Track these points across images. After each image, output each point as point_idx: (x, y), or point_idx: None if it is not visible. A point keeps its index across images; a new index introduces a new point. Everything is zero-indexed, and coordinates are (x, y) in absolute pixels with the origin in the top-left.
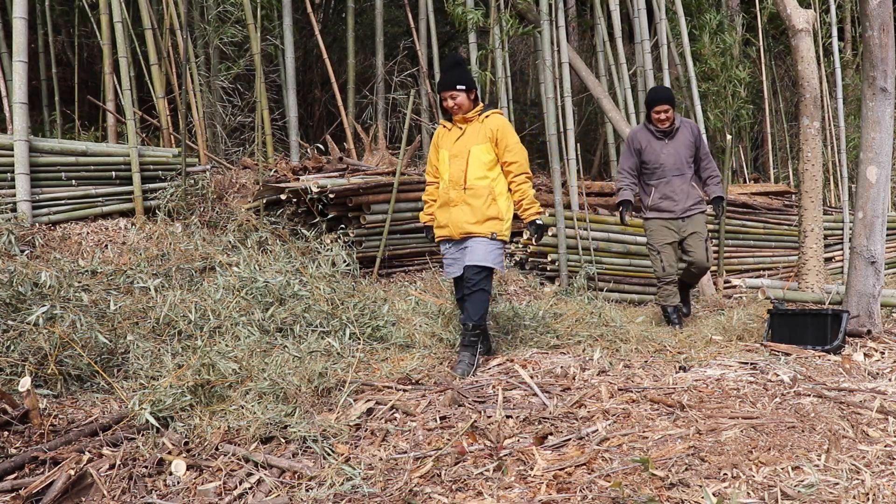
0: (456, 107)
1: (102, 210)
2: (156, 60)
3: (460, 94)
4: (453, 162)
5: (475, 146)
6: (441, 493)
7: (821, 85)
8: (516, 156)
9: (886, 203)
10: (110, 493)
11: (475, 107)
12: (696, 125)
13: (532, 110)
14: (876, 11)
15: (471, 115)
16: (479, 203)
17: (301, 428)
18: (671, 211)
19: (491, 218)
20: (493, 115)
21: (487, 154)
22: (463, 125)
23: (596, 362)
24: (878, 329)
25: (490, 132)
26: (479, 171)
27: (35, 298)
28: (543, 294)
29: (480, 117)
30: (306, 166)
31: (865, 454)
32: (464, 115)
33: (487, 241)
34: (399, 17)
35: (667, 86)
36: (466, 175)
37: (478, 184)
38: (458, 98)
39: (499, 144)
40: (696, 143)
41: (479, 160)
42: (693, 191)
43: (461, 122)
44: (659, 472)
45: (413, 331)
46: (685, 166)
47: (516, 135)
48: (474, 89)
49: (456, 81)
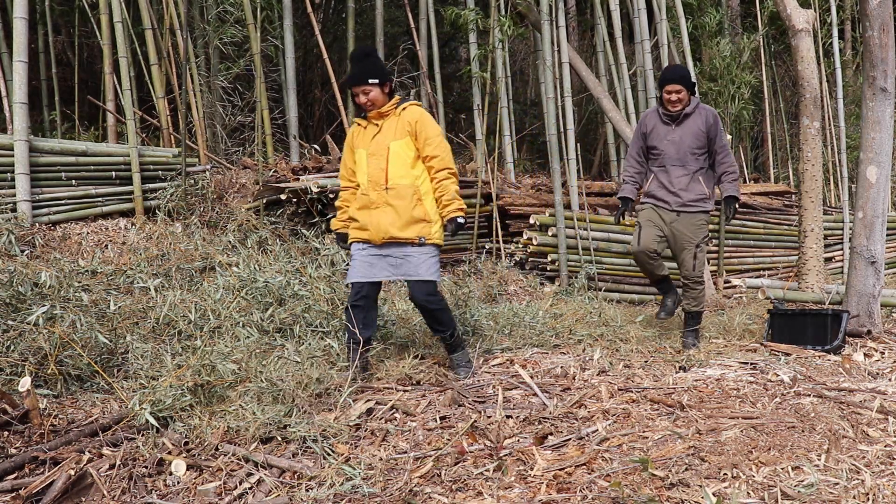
0: (370, 103)
1: (102, 210)
2: (156, 60)
3: (373, 88)
4: (371, 161)
5: (394, 142)
6: (441, 493)
7: (821, 85)
8: (437, 149)
9: (886, 203)
10: (110, 493)
11: (391, 100)
12: (714, 113)
13: (532, 110)
14: (876, 11)
15: (386, 109)
16: (404, 204)
17: (301, 428)
18: (665, 202)
19: (418, 220)
20: (411, 106)
21: (408, 149)
22: (379, 121)
23: (596, 362)
24: (878, 329)
25: (408, 125)
26: (400, 169)
27: (35, 298)
28: (543, 294)
29: (397, 110)
30: (306, 166)
31: (865, 454)
32: (378, 110)
33: (419, 251)
34: (399, 17)
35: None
36: (387, 174)
37: (400, 182)
38: (372, 93)
39: (418, 137)
40: (709, 134)
41: (399, 157)
42: (696, 186)
43: (376, 117)
44: (659, 472)
45: (413, 331)
46: (688, 157)
47: (437, 126)
48: (388, 81)
49: (367, 75)
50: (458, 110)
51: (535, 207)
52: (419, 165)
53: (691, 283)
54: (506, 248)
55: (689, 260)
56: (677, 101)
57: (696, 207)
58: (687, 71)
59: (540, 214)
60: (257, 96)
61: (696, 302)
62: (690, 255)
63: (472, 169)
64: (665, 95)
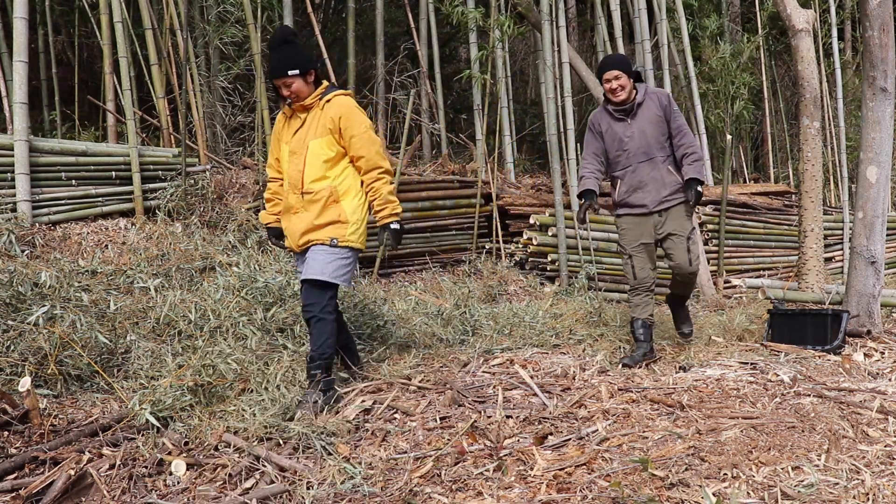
0: (293, 95)
1: (102, 210)
2: (156, 60)
3: (294, 79)
4: (291, 160)
5: (313, 140)
6: (441, 493)
7: (821, 85)
8: (363, 148)
9: (886, 203)
10: (110, 493)
11: (317, 88)
12: (665, 94)
13: (532, 110)
14: (876, 11)
15: (310, 100)
16: (318, 208)
17: (300, 428)
18: (642, 205)
19: (331, 222)
20: (336, 98)
21: (328, 149)
22: (303, 114)
23: (597, 363)
24: (878, 329)
25: (331, 122)
26: (316, 172)
27: (35, 298)
28: (543, 294)
29: (321, 102)
30: None
31: (865, 454)
32: (302, 102)
33: (327, 249)
34: (399, 17)
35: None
36: (303, 177)
37: (315, 187)
38: (294, 85)
39: (343, 135)
40: (665, 117)
41: (317, 157)
42: (669, 177)
43: (301, 110)
44: (659, 472)
45: (413, 331)
46: (654, 148)
47: (364, 120)
48: (312, 69)
49: (286, 66)
50: (458, 110)
51: (535, 207)
52: (341, 165)
53: (686, 276)
54: (506, 248)
55: (682, 255)
56: (619, 89)
57: (674, 200)
58: (625, 57)
59: (540, 214)
60: (257, 96)
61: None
62: (683, 249)
63: (472, 169)
64: (605, 85)
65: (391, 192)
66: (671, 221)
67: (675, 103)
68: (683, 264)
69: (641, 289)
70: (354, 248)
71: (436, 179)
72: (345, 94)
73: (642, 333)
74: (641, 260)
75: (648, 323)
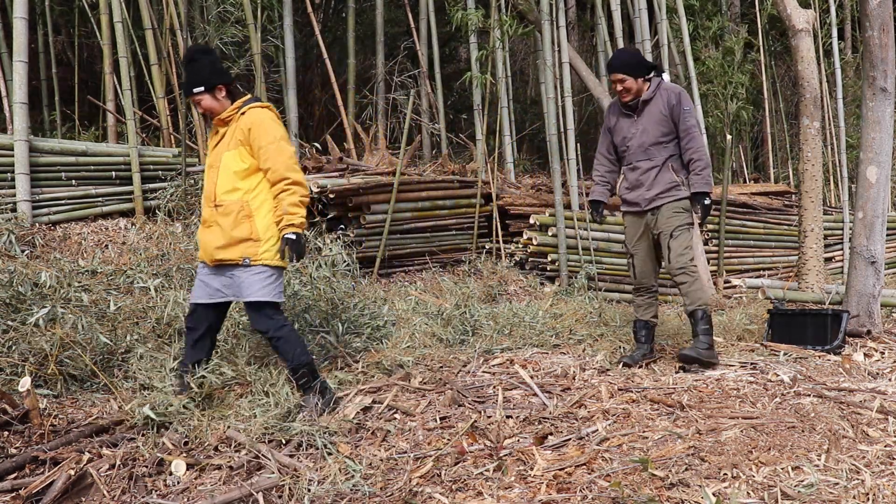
0: (206, 111)
1: (102, 210)
2: (156, 60)
3: (203, 96)
4: (208, 173)
5: (227, 153)
6: (441, 493)
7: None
8: (270, 160)
9: (886, 203)
10: (110, 493)
11: (234, 102)
12: (676, 92)
13: (532, 110)
14: (876, 11)
15: (227, 114)
16: (228, 222)
17: (301, 424)
18: (637, 203)
19: (242, 240)
20: (251, 110)
21: (240, 161)
22: (223, 128)
23: (597, 363)
24: (878, 329)
25: (242, 133)
26: (228, 184)
27: (35, 299)
28: (543, 294)
29: (237, 115)
30: (306, 166)
31: (865, 454)
32: (220, 117)
33: (251, 270)
34: (399, 17)
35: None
36: (216, 189)
37: (226, 199)
38: (203, 101)
39: (252, 147)
40: (672, 116)
41: (229, 169)
42: (665, 175)
43: (221, 124)
44: (659, 472)
45: (413, 331)
46: (653, 148)
47: (274, 130)
48: (222, 84)
49: (192, 84)
50: (458, 110)
51: (535, 207)
52: (255, 178)
53: (675, 276)
54: (506, 248)
55: (665, 251)
56: (624, 92)
57: (666, 198)
58: (630, 56)
59: (540, 214)
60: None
61: (688, 299)
62: (665, 246)
63: (472, 169)
64: (613, 86)
65: (294, 204)
66: (661, 219)
67: (689, 102)
68: (666, 259)
69: (642, 289)
70: (271, 265)
71: (436, 179)
72: (261, 106)
73: (643, 335)
74: (641, 259)
75: (650, 325)
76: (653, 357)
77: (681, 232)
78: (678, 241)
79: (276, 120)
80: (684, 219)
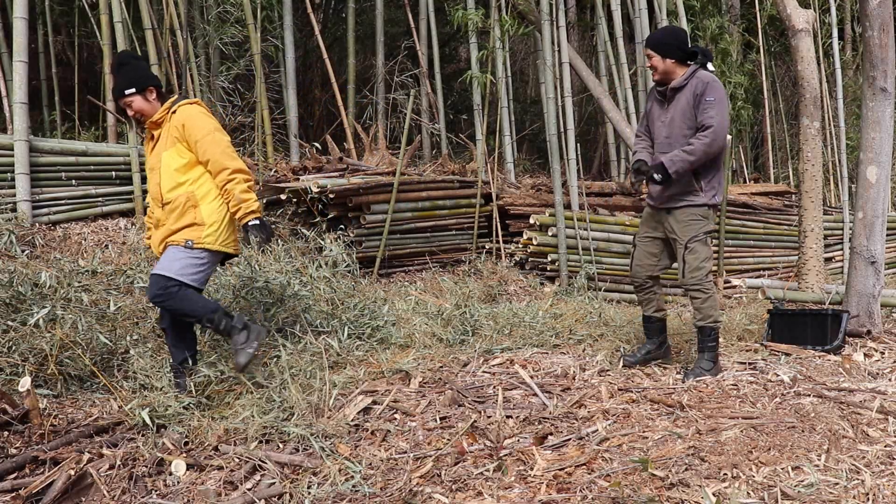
0: (137, 114)
1: (102, 210)
2: (156, 60)
3: (133, 98)
4: (151, 176)
5: (165, 152)
6: (441, 493)
7: (821, 85)
8: (208, 151)
9: (886, 203)
10: (110, 493)
11: (163, 104)
12: (706, 81)
13: (532, 110)
14: (876, 11)
15: (158, 116)
16: (176, 216)
17: (299, 429)
18: (653, 197)
19: (188, 225)
20: (181, 107)
21: (179, 158)
22: (156, 131)
23: (597, 363)
24: (878, 329)
25: (177, 131)
26: (171, 181)
27: (35, 299)
28: (543, 294)
29: (168, 115)
30: (306, 166)
31: (865, 454)
32: (152, 119)
33: (180, 248)
34: (399, 17)
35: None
36: (161, 189)
37: (172, 196)
38: (134, 104)
39: (189, 142)
40: (695, 106)
41: (169, 167)
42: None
43: (153, 127)
44: (659, 472)
45: (413, 331)
46: (677, 141)
47: (207, 123)
48: (153, 86)
49: (123, 87)
50: (458, 110)
51: (535, 207)
52: (197, 170)
53: (688, 291)
54: (506, 248)
55: (679, 262)
56: (652, 70)
57: (680, 202)
58: (664, 34)
59: (540, 214)
60: (257, 96)
61: (699, 314)
62: (680, 257)
63: (472, 169)
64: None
65: (245, 191)
66: (675, 224)
67: (717, 93)
68: (680, 272)
69: (635, 284)
70: (211, 249)
71: (436, 179)
72: (190, 102)
73: (647, 328)
74: (641, 253)
75: (653, 319)
76: (661, 353)
77: (696, 244)
78: (694, 254)
79: (207, 113)
80: (701, 227)
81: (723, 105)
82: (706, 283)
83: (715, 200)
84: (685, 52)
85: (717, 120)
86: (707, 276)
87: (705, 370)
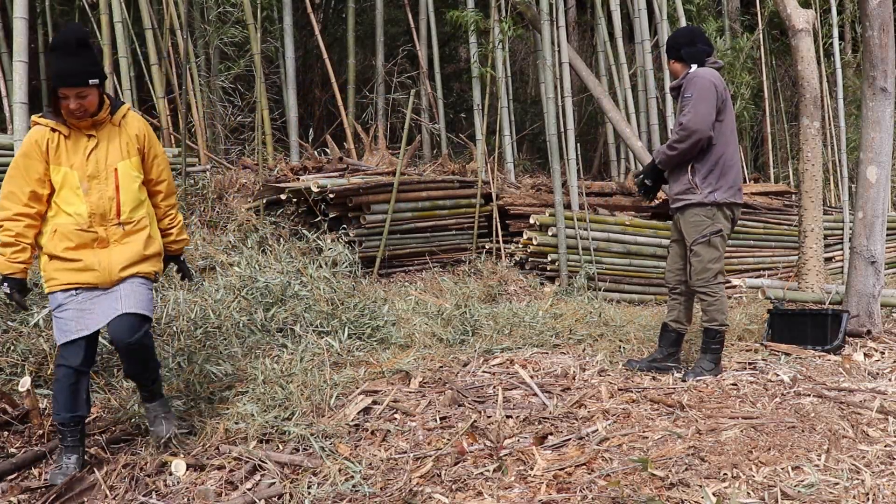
0: (82, 109)
1: None
2: (156, 60)
3: (92, 91)
4: (93, 186)
5: (122, 162)
6: (441, 493)
7: (821, 85)
8: (166, 170)
9: (886, 203)
10: (110, 493)
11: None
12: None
13: (532, 110)
14: (876, 11)
15: (101, 116)
16: (142, 238)
17: (299, 429)
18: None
19: (154, 255)
20: (132, 114)
21: (138, 172)
22: (91, 131)
23: (597, 363)
24: (878, 329)
25: (136, 140)
26: (134, 199)
27: (35, 299)
28: (543, 294)
29: (114, 118)
30: (306, 166)
31: (865, 454)
32: (93, 118)
33: (145, 282)
34: (399, 17)
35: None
36: (119, 206)
37: (136, 216)
38: (90, 97)
39: (147, 156)
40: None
41: (130, 181)
42: (683, 175)
43: (88, 127)
44: (659, 472)
45: (413, 331)
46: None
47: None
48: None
49: (88, 74)
50: (458, 110)
51: (535, 207)
52: (144, 188)
53: (696, 292)
54: (506, 248)
55: (687, 265)
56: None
57: (681, 201)
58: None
59: (540, 214)
60: (257, 96)
61: (706, 316)
62: (688, 259)
63: (472, 169)
64: None
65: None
66: (684, 225)
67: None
68: (687, 273)
69: (668, 287)
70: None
71: (436, 179)
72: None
73: (660, 335)
74: (670, 256)
75: (669, 328)
76: (666, 364)
77: (699, 246)
78: (697, 257)
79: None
80: (705, 228)
81: (701, 100)
82: (713, 285)
83: (714, 198)
84: (681, 52)
85: (688, 116)
86: (715, 279)
87: (706, 370)
